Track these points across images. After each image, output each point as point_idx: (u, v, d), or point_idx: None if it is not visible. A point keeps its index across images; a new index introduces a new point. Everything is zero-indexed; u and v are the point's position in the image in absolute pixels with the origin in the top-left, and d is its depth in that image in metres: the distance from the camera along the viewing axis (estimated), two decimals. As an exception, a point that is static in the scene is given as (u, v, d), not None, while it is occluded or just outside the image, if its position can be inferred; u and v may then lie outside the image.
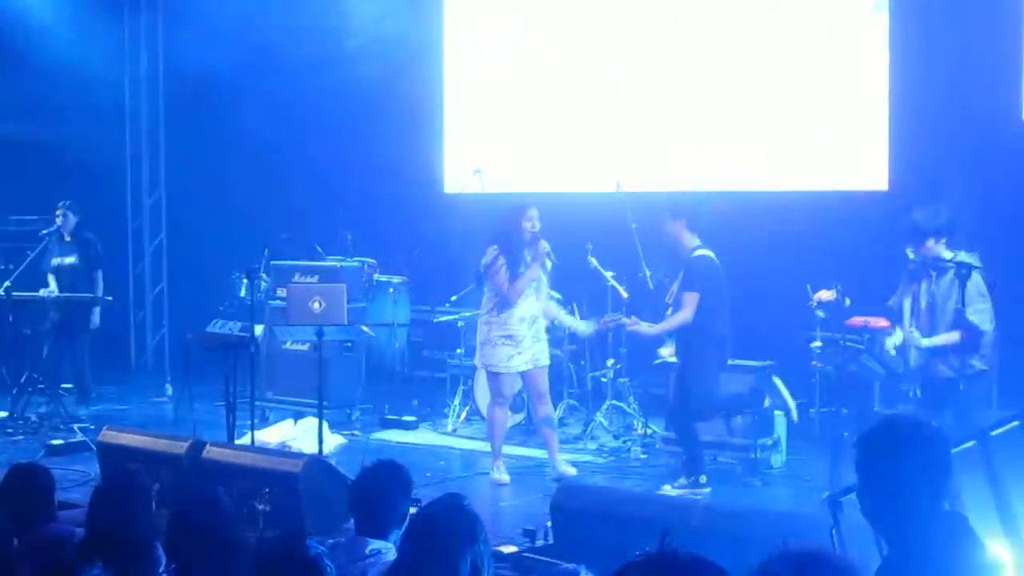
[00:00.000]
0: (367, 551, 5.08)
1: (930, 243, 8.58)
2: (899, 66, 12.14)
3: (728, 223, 10.34)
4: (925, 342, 8.58)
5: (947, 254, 8.54)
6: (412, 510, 5.21)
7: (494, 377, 10.30)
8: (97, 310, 13.14)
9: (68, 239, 13.07)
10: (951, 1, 11.71)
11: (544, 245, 10.06)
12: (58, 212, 13.03)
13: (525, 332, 10.11)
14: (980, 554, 3.72)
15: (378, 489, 5.32)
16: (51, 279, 13.05)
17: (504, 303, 10.09)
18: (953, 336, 8.45)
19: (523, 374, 10.31)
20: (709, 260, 9.69)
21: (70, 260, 13.07)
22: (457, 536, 4.34)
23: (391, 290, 13.11)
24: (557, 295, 11.76)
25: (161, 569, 5.07)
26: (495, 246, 10.15)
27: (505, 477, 10.25)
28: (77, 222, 13.10)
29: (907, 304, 8.90)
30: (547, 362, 10.39)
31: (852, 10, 12.46)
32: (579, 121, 14.00)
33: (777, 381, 10.47)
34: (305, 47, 14.26)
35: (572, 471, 10.22)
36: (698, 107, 13.24)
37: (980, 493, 4.80)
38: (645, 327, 9.95)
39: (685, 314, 9.58)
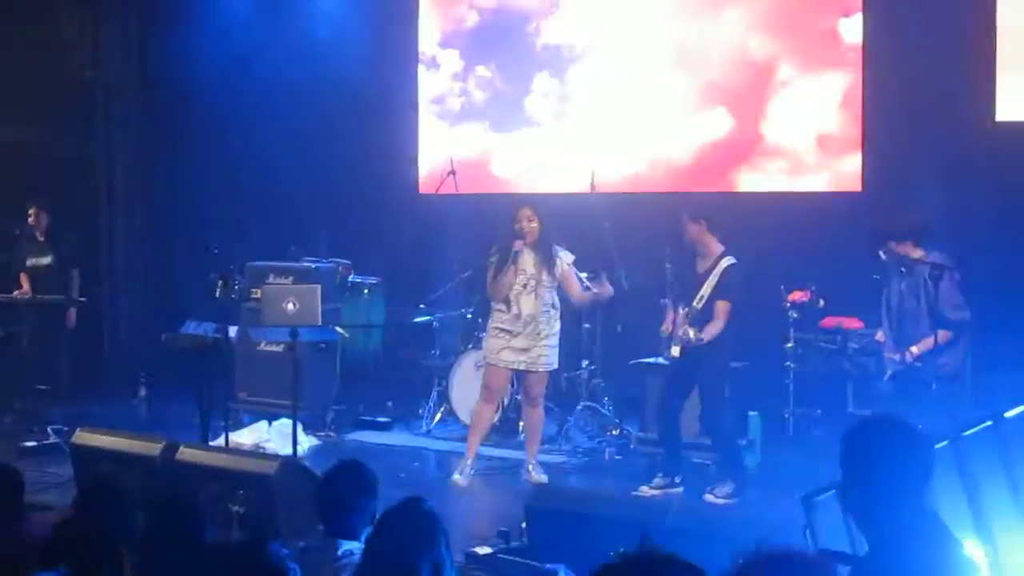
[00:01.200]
0: (339, 552, 5.09)
1: (903, 245, 8.62)
2: (873, 67, 12.17)
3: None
4: (915, 351, 8.59)
5: (916, 253, 8.59)
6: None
7: (485, 368, 10.41)
8: (73, 310, 13.07)
9: (42, 239, 13.00)
10: (924, 2, 11.74)
11: (516, 244, 10.06)
12: (31, 212, 12.96)
13: (520, 330, 10.13)
14: (958, 553, 3.74)
15: (342, 490, 5.35)
16: (24, 279, 12.97)
17: (494, 300, 10.23)
18: (945, 335, 8.47)
19: (519, 375, 10.43)
20: (742, 271, 9.68)
21: (45, 260, 12.99)
22: (416, 538, 4.34)
23: (366, 291, 13.10)
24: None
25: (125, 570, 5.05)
26: (495, 245, 10.30)
27: (462, 480, 10.20)
28: (50, 221, 13.03)
29: (884, 307, 8.97)
30: (546, 368, 10.34)
31: (827, 13, 12.51)
32: (554, 120, 14.01)
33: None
34: (279, 47, 14.22)
35: (543, 479, 10.22)
36: (672, 108, 13.27)
37: (953, 493, 4.83)
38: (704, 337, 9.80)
39: (721, 323, 9.54)
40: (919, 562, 3.64)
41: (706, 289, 9.63)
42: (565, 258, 10.29)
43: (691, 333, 9.41)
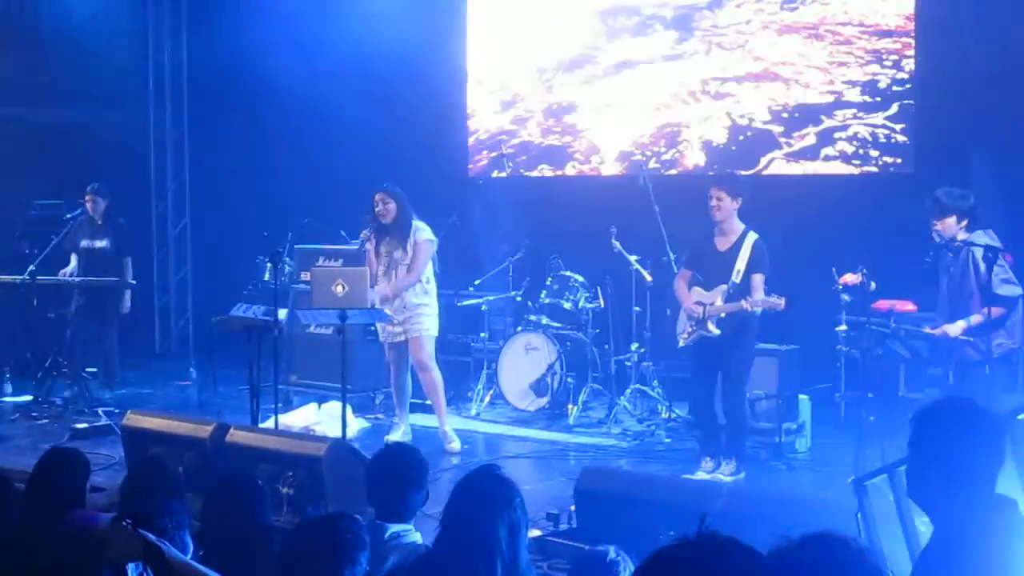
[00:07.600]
0: (386, 536, 5.10)
1: (951, 220, 8.52)
2: (925, 46, 12.07)
3: (753, 206, 10.27)
4: (957, 328, 8.49)
5: (963, 235, 8.50)
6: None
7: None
8: (128, 294, 13.09)
9: (100, 222, 13.00)
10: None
11: (363, 233, 10.88)
12: (87, 196, 12.97)
13: (390, 309, 10.61)
14: None
15: (391, 473, 5.36)
16: (73, 258, 13.00)
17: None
18: (998, 311, 8.34)
19: (401, 345, 10.82)
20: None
21: (100, 243, 12.98)
22: (493, 500, 4.50)
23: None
24: (580, 278, 11.85)
25: (189, 555, 5.08)
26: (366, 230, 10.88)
27: (397, 438, 10.58)
28: (107, 206, 13.04)
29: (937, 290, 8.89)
30: (422, 333, 10.74)
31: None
32: (602, 103, 13.97)
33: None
34: (329, 31, 14.24)
35: (455, 447, 10.76)
36: (722, 89, 13.20)
37: (1007, 478, 4.77)
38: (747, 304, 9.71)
39: (762, 294, 9.39)
40: (988, 544, 3.58)
41: (740, 263, 9.52)
42: (422, 235, 10.74)
43: (743, 304, 9.33)
